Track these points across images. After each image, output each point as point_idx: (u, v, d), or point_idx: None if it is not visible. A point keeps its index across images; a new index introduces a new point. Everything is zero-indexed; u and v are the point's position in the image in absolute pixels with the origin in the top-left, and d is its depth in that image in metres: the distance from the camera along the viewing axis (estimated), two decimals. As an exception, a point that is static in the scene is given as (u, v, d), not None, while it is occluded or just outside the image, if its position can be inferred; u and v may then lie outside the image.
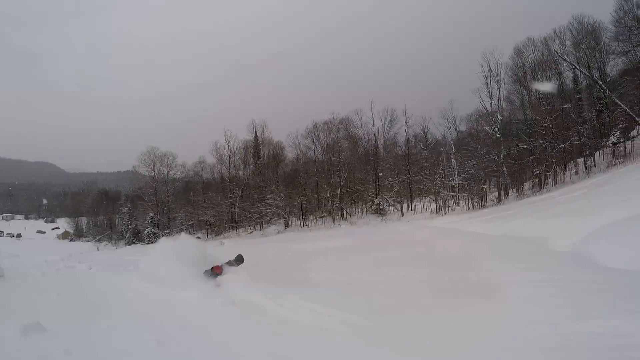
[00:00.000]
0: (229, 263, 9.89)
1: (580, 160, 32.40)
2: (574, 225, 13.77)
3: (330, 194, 45.52)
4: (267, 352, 5.16)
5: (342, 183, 44.70)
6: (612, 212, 13.15)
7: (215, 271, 9.40)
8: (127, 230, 55.85)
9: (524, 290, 7.42)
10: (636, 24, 30.45)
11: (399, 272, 10.89)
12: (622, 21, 31.38)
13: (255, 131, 52.29)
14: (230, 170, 52.62)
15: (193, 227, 52.88)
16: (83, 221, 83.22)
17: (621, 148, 29.49)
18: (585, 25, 33.87)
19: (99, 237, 66.25)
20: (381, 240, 21.85)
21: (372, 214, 41.63)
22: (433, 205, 38.14)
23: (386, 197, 41.76)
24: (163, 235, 50.22)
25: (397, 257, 14.00)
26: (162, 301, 7.99)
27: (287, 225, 45.00)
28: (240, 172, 53.43)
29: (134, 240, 53.41)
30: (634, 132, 30.61)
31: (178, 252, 9.94)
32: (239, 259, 10.20)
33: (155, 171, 54.69)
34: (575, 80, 35.80)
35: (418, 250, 15.94)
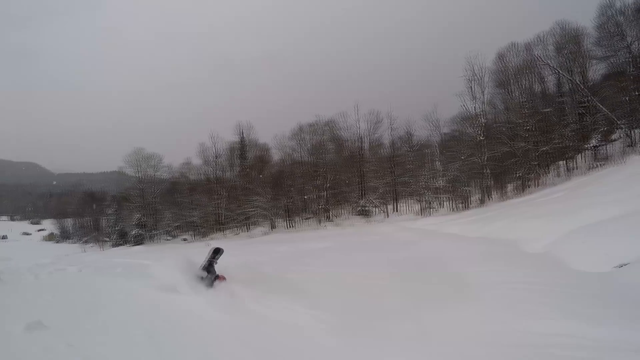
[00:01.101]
0: (209, 262, 9.74)
1: (562, 162, 32.82)
2: (548, 227, 14.00)
3: (316, 195, 45.61)
4: (250, 348, 5.43)
5: (327, 185, 44.74)
6: (586, 215, 13.38)
7: (220, 280, 9.36)
8: (114, 232, 55.21)
9: (490, 292, 7.58)
10: (618, 29, 30.96)
11: (380, 273, 10.97)
12: (605, 27, 31.84)
13: (241, 133, 52.16)
14: (217, 171, 52.46)
15: (179, 229, 52.69)
16: (69, 222, 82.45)
17: (602, 151, 29.95)
18: (568, 31, 34.36)
19: (85, 238, 65.64)
20: (364, 241, 21.92)
21: (357, 215, 41.87)
22: (417, 207, 38.40)
23: (371, 198, 41.95)
24: (149, 237, 50.63)
25: (378, 258, 14.07)
26: (150, 301, 8.34)
27: (273, 227, 44.94)
28: (227, 174, 53.14)
29: (120, 242, 52.74)
30: (616, 136, 31.06)
31: (179, 264, 10.05)
32: (217, 252, 9.89)
33: (141, 172, 54.30)
34: (559, 84, 36.33)
35: (399, 251, 16.00)
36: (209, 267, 9.54)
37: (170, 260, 10.88)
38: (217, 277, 9.38)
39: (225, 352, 5.34)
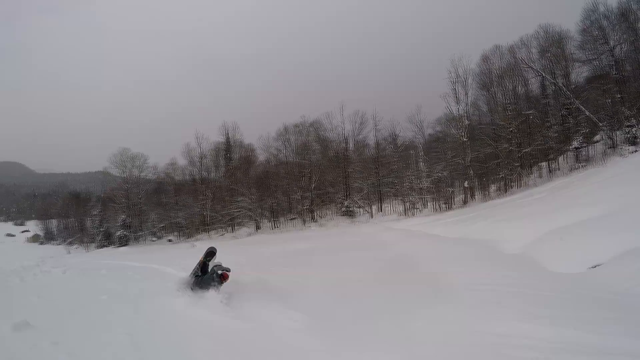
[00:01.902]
0: (203, 264, 9.57)
1: (544, 163, 33.11)
2: (527, 228, 14.07)
3: (300, 196, 45.54)
4: (232, 348, 5.62)
5: (312, 185, 44.69)
6: (565, 216, 13.50)
7: (224, 278, 9.10)
8: (98, 233, 54.56)
9: (460, 293, 7.64)
10: (601, 33, 31.32)
11: (359, 273, 11.05)
12: (588, 31, 32.19)
13: (227, 133, 51.84)
14: (202, 172, 52.14)
15: (165, 230, 52.26)
16: (53, 224, 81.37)
17: (584, 152, 30.24)
18: (552, 34, 34.69)
19: (69, 240, 64.82)
20: (347, 242, 21.96)
21: (342, 215, 41.95)
22: (401, 207, 38.51)
23: (356, 199, 41.98)
24: (134, 238, 50.22)
25: (359, 259, 14.21)
26: (132, 302, 8.48)
27: (258, 227, 44.76)
28: (212, 174, 52.89)
29: (105, 243, 52.18)
30: (597, 137, 31.37)
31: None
32: (210, 254, 9.68)
33: (127, 173, 53.79)
34: (542, 87, 36.64)
35: (380, 252, 16.11)
36: (202, 268, 9.38)
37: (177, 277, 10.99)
38: (222, 275, 9.09)
39: (205, 352, 5.45)
